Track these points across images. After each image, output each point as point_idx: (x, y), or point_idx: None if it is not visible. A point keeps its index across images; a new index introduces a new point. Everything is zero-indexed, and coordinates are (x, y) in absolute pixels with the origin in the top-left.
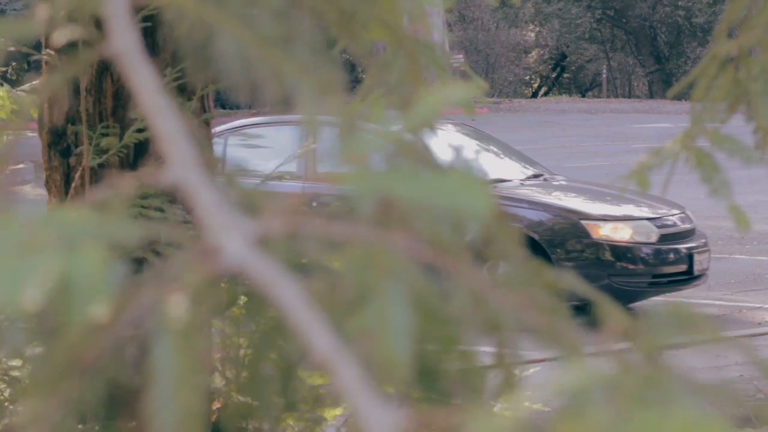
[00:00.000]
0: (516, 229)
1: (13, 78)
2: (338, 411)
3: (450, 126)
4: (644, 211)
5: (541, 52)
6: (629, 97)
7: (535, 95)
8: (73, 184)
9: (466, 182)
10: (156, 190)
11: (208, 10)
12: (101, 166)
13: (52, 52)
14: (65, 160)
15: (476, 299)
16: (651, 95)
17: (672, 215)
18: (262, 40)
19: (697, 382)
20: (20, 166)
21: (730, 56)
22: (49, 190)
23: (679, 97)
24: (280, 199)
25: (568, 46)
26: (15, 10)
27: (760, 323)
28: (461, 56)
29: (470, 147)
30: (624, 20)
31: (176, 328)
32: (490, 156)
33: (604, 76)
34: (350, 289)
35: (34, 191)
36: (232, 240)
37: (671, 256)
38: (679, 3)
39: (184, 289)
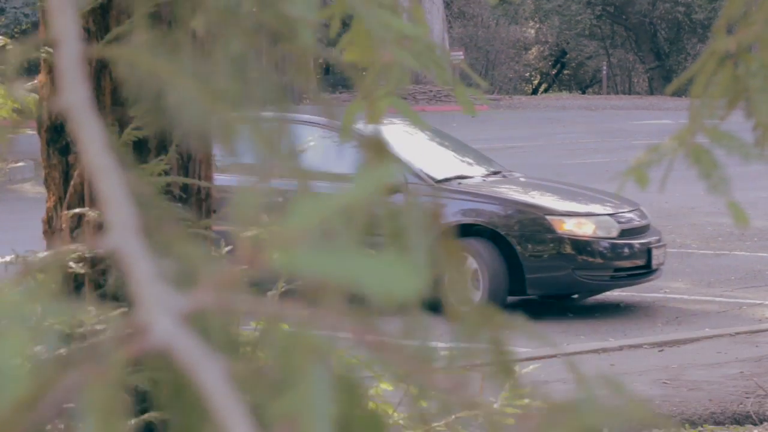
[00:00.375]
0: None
1: None
2: None
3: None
4: (606, 208)
5: (541, 48)
6: (629, 94)
7: (535, 92)
8: (72, 182)
9: (398, 265)
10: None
11: (157, 62)
12: None
13: (51, 51)
14: (64, 158)
15: (404, 379)
16: (651, 92)
17: (629, 212)
18: (211, 92)
19: None
20: (20, 164)
21: (729, 52)
22: (48, 187)
23: (679, 93)
24: (218, 268)
25: (568, 43)
26: (15, 8)
27: (760, 320)
28: (461, 53)
29: (429, 146)
30: (624, 17)
31: (97, 411)
32: (451, 154)
33: (605, 72)
34: (275, 371)
35: (34, 189)
36: (161, 317)
37: (632, 250)
38: None
39: (108, 370)
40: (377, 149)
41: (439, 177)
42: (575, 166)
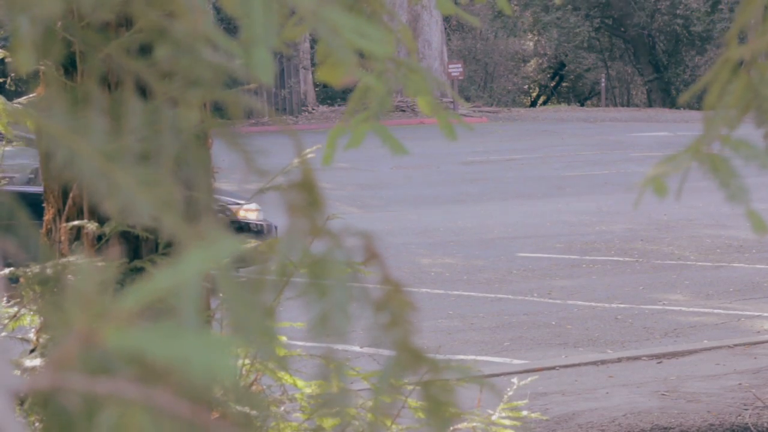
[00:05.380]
0: None
1: (12, 89)
2: (336, 421)
3: None
4: (236, 198)
5: (540, 61)
6: (628, 106)
7: (533, 104)
8: (71, 194)
9: (214, 344)
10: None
11: (51, 122)
12: None
13: (50, 63)
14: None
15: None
16: (650, 104)
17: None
18: (102, 153)
19: None
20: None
21: (743, 61)
22: (47, 200)
23: (677, 105)
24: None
25: (566, 55)
26: None
27: (758, 332)
28: (460, 65)
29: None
30: (622, 29)
31: None
32: None
33: (603, 84)
34: None
35: None
36: None
37: (270, 228)
38: (678, 12)
39: None
40: (307, 191)
41: None
42: (574, 178)
